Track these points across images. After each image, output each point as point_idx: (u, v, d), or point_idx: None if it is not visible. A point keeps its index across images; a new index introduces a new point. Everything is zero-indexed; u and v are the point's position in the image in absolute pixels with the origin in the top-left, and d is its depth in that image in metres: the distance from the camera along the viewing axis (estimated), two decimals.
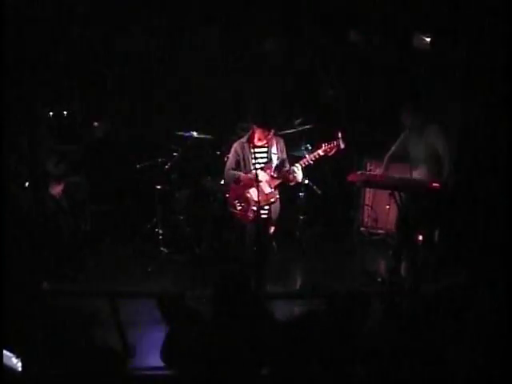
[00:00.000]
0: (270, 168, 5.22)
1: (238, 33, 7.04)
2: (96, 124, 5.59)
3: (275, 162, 5.24)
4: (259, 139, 5.21)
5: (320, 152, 5.22)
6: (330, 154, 5.28)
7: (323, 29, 6.99)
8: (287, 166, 5.29)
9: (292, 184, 5.33)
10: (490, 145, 6.05)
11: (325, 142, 5.24)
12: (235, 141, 5.43)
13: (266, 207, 5.21)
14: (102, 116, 5.62)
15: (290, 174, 5.19)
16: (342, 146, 5.22)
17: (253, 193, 5.19)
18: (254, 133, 5.24)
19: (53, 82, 6.42)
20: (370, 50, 7.06)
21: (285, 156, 5.35)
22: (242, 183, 5.24)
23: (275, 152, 5.27)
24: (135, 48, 7.06)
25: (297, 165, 5.18)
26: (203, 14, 6.79)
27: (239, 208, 5.23)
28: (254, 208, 5.17)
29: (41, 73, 6.17)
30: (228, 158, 5.44)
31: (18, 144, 5.37)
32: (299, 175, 5.20)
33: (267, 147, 5.24)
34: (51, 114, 6.13)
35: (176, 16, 6.75)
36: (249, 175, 5.22)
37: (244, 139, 5.33)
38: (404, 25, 6.51)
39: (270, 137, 5.20)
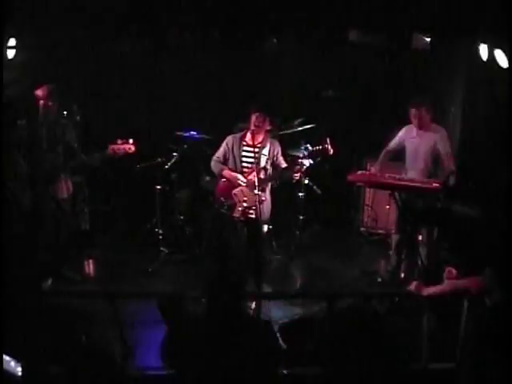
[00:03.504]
0: (257, 169, 5.18)
1: (239, 32, 7.03)
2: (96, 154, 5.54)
3: (263, 163, 5.24)
4: (252, 137, 5.19)
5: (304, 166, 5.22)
6: (317, 159, 5.31)
7: (323, 28, 6.98)
8: (283, 166, 5.29)
9: (294, 178, 5.28)
10: (491, 145, 6.05)
11: (314, 147, 5.25)
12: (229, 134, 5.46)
13: (253, 207, 5.20)
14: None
15: (297, 165, 5.15)
16: (331, 151, 5.20)
17: (239, 193, 5.23)
18: (247, 131, 5.27)
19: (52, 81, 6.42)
20: (370, 50, 7.05)
21: (280, 159, 5.34)
22: (225, 179, 5.27)
23: (266, 154, 5.28)
24: (135, 47, 7.05)
25: (304, 159, 5.16)
26: (203, 14, 6.78)
27: (225, 206, 5.28)
28: (240, 208, 5.21)
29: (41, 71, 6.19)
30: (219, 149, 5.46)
31: (18, 143, 5.36)
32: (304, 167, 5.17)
33: (258, 148, 5.22)
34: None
35: (176, 16, 6.74)
36: (233, 174, 5.25)
37: (238, 135, 5.37)
38: (404, 25, 6.50)
39: (264, 129, 5.20)
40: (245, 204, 5.22)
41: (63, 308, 3.89)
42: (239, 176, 5.26)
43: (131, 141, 5.45)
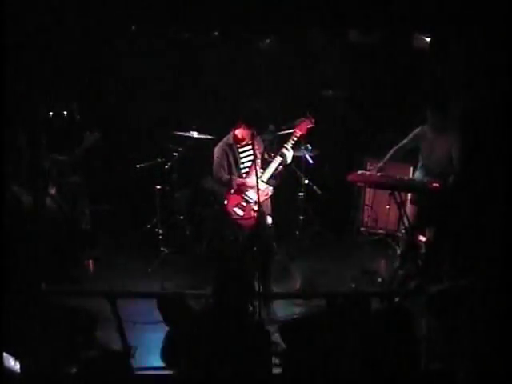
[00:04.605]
0: (258, 165, 5.22)
1: (239, 32, 7.04)
2: (87, 133, 5.88)
3: (259, 159, 5.30)
4: (243, 138, 5.24)
5: (297, 134, 5.31)
6: (306, 132, 5.39)
7: (323, 28, 6.99)
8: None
9: (281, 169, 5.34)
10: (492, 144, 6.05)
11: (296, 124, 5.37)
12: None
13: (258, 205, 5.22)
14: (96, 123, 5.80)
15: (282, 157, 5.25)
16: (312, 122, 5.38)
17: (250, 194, 5.24)
18: (234, 132, 5.29)
19: (52, 82, 6.43)
20: (370, 50, 7.06)
21: (260, 149, 5.41)
22: (235, 187, 5.28)
23: (257, 148, 5.31)
24: (136, 48, 7.06)
25: (286, 145, 5.25)
26: (203, 14, 6.79)
27: (242, 213, 5.26)
28: (255, 207, 5.21)
29: (41, 72, 6.18)
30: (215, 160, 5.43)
31: (18, 144, 5.36)
32: (289, 156, 5.25)
33: (250, 145, 5.19)
34: (51, 114, 6.13)
35: (176, 16, 6.75)
36: (242, 180, 5.27)
37: (229, 140, 5.35)
38: (404, 25, 6.51)
39: (252, 135, 5.22)
40: (255, 206, 5.24)
41: (63, 308, 3.89)
42: (247, 181, 5.28)
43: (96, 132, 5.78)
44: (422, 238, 5.87)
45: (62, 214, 5.57)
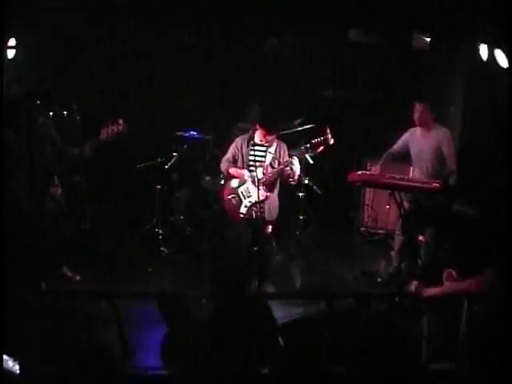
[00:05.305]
0: (262, 166, 5.29)
1: (239, 32, 7.04)
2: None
3: (269, 160, 5.31)
4: (260, 139, 5.34)
5: (310, 153, 5.30)
6: (319, 150, 5.32)
7: (323, 28, 6.99)
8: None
9: (291, 180, 5.34)
10: (491, 144, 6.05)
11: (314, 139, 5.31)
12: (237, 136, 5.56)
13: (258, 205, 5.22)
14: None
15: (286, 167, 5.25)
16: (331, 141, 5.27)
17: (244, 190, 5.29)
18: (255, 131, 5.33)
19: (52, 82, 6.42)
20: (371, 50, 7.06)
21: (285, 159, 5.38)
22: (232, 176, 5.37)
23: (272, 152, 5.35)
24: (136, 48, 7.06)
25: (294, 157, 5.27)
26: (204, 14, 6.78)
27: (233, 203, 5.32)
28: (246, 205, 5.25)
29: (40, 72, 6.19)
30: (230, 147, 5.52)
31: (17, 143, 5.35)
32: (297, 168, 5.26)
33: (266, 146, 5.34)
34: (51, 113, 6.12)
35: (177, 16, 6.74)
36: (240, 171, 5.31)
37: (247, 135, 5.43)
38: (404, 25, 6.50)
39: (270, 138, 5.30)
40: (250, 200, 5.27)
41: (63, 308, 3.89)
42: (245, 172, 5.32)
43: (120, 121, 5.34)
44: (422, 238, 5.87)
45: (62, 213, 5.56)
